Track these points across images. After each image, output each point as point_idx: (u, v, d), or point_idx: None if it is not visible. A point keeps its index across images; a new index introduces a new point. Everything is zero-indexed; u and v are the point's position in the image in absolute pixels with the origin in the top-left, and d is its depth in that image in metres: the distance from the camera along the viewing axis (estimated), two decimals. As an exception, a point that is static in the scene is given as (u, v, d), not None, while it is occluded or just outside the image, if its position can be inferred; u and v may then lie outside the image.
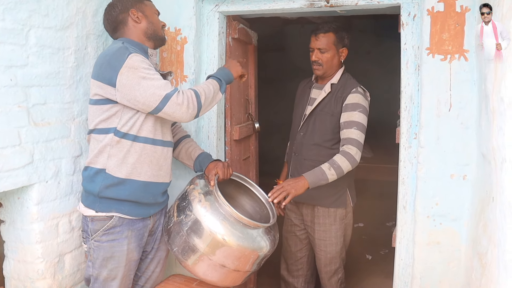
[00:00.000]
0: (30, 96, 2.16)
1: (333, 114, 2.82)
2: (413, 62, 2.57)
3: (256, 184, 2.69)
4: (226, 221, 2.26)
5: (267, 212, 2.61)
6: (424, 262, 2.56)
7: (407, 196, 2.62)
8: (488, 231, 1.96)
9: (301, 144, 2.93)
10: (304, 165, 2.89)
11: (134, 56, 2.12)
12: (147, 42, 2.34)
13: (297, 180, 2.55)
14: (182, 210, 2.33)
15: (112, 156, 2.21)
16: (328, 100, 2.86)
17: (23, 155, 2.13)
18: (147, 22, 2.32)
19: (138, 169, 2.24)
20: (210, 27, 2.87)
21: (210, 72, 2.86)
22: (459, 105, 2.41)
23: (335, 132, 2.83)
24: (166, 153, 2.36)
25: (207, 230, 2.24)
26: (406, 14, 2.57)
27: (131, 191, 2.24)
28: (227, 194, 2.66)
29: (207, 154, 2.61)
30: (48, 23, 2.23)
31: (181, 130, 2.71)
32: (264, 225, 2.38)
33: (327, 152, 2.83)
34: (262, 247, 2.35)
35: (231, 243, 2.24)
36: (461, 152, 2.43)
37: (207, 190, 2.38)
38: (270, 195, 2.51)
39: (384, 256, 4.49)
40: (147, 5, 2.37)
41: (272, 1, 2.75)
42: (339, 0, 2.65)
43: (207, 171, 2.49)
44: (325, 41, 2.84)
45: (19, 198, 2.23)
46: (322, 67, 2.87)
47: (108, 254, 2.26)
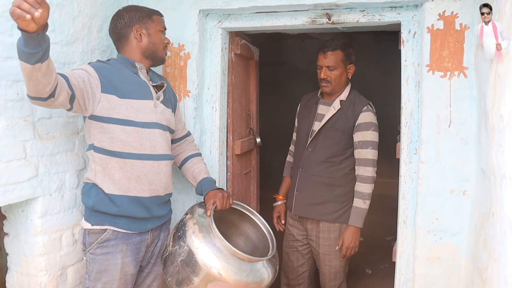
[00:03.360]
0: (35, 110, 2.18)
1: (344, 131, 2.86)
2: (414, 79, 2.60)
3: (256, 211, 2.64)
4: (221, 254, 2.17)
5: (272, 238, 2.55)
6: (424, 277, 2.57)
7: (407, 211, 2.64)
8: (488, 246, 1.98)
9: (309, 160, 2.94)
10: (311, 181, 2.91)
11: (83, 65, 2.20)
12: (144, 60, 2.37)
13: (351, 233, 2.83)
14: (177, 240, 2.27)
15: (98, 173, 2.24)
16: (338, 117, 2.88)
17: (28, 169, 2.15)
18: (148, 41, 2.34)
19: (126, 184, 2.24)
20: (213, 43, 2.91)
21: (213, 87, 2.91)
22: (459, 121, 2.44)
23: (345, 149, 2.87)
24: (157, 166, 2.33)
25: (201, 263, 2.16)
26: (406, 31, 2.61)
27: (122, 207, 2.25)
28: (231, 222, 2.65)
29: (211, 180, 2.54)
30: (54, 38, 2.26)
31: (191, 147, 2.68)
32: (260, 258, 2.29)
33: (335, 168, 2.87)
34: (264, 279, 2.28)
35: (227, 278, 2.16)
36: (461, 167, 2.45)
37: (203, 221, 2.30)
38: (341, 258, 2.89)
39: (384, 270, 4.49)
40: (155, 21, 2.37)
41: (275, 18, 2.79)
42: (341, 18, 2.69)
43: (206, 199, 2.42)
44: (334, 59, 2.86)
45: (23, 211, 2.25)
46: (331, 84, 2.89)
47: (102, 267, 2.26)
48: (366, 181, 2.80)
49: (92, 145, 2.24)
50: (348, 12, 2.68)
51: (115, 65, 2.30)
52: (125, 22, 2.33)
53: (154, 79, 2.43)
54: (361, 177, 2.82)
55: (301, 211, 2.97)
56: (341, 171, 2.88)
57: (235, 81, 3.13)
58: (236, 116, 3.17)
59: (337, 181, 2.88)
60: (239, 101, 3.24)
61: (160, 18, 2.41)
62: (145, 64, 2.38)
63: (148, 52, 2.36)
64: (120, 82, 2.23)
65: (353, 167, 2.88)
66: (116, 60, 2.34)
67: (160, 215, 2.42)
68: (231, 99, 3.07)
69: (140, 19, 2.33)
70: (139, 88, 2.30)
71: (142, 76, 2.35)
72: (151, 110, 2.31)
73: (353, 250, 2.86)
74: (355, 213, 2.82)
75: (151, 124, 2.31)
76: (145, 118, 2.28)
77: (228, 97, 3.06)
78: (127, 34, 2.33)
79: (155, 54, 2.38)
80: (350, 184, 2.88)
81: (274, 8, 2.72)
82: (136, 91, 2.28)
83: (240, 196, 3.30)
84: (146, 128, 2.28)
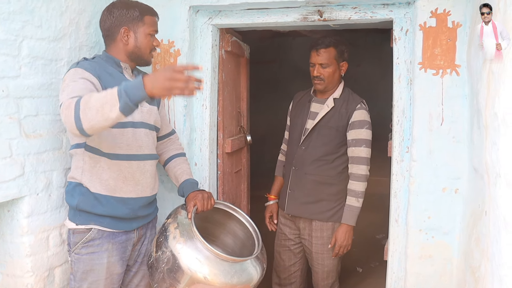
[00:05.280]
0: (22, 107, 2.13)
1: (338, 129, 2.85)
2: (406, 77, 2.59)
3: (247, 209, 2.62)
4: (204, 258, 2.13)
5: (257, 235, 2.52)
6: (416, 276, 2.56)
7: (399, 209, 2.63)
8: (481, 245, 1.97)
9: (302, 158, 2.93)
10: (305, 179, 2.90)
11: (71, 70, 2.12)
12: (128, 62, 2.32)
13: (344, 231, 2.83)
14: (159, 246, 2.24)
15: (85, 171, 2.20)
16: (332, 115, 2.87)
17: (14, 167, 2.10)
18: (134, 45, 2.27)
19: (113, 185, 2.21)
20: (203, 39, 2.87)
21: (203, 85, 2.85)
22: (450, 119, 2.44)
23: (339, 147, 2.87)
24: (143, 166, 2.30)
25: (185, 268, 2.12)
26: (398, 28, 2.60)
27: (107, 207, 2.21)
28: (218, 221, 2.63)
29: (193, 181, 2.50)
30: (41, 34, 2.22)
31: (175, 147, 2.63)
32: (245, 258, 2.26)
33: (328, 167, 2.87)
34: (252, 278, 2.26)
35: (213, 281, 2.11)
36: (452, 166, 2.45)
37: (185, 224, 2.25)
38: (334, 256, 2.88)
39: (375, 269, 4.48)
40: (145, 23, 2.28)
41: (266, 15, 2.77)
42: (332, 15, 2.67)
43: (187, 201, 2.38)
44: (327, 56, 2.85)
45: (9, 211, 2.20)
46: (324, 82, 2.88)
47: (88, 267, 2.23)
48: (360, 179, 2.80)
49: (83, 143, 2.19)
50: (340, 9, 2.66)
51: (100, 63, 2.24)
52: (114, 20, 2.25)
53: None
54: (355, 175, 2.81)
55: (294, 210, 2.95)
56: (335, 169, 2.87)
57: (226, 78, 3.09)
58: (227, 114, 3.14)
59: (331, 179, 2.87)
60: (229, 99, 3.21)
61: (152, 19, 2.31)
62: (130, 64, 2.34)
63: (133, 55, 2.30)
64: (108, 82, 2.18)
65: (346, 166, 2.87)
66: (101, 58, 2.28)
67: (145, 214, 2.39)
68: (222, 96, 3.03)
69: (129, 21, 2.25)
70: None
71: (127, 75, 2.31)
72: (137, 110, 2.26)
73: (346, 249, 2.86)
74: (348, 211, 2.82)
75: (137, 123, 2.27)
76: (131, 118, 2.22)
77: (218, 95, 3.02)
78: (114, 33, 2.27)
79: (140, 58, 2.33)
80: (343, 183, 2.87)
81: (265, 5, 2.70)
82: None
83: (230, 195, 3.27)
84: (132, 127, 2.25)
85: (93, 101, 1.79)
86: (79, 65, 2.15)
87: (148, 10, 2.32)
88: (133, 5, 2.29)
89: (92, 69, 2.16)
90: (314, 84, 2.93)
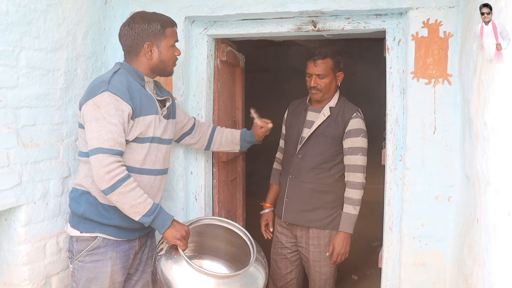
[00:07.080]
0: (19, 117, 2.16)
1: (334, 138, 2.87)
2: (398, 86, 2.62)
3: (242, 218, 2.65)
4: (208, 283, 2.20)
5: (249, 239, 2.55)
6: (410, 283, 2.58)
7: (393, 217, 2.66)
8: (473, 252, 1.99)
9: (299, 166, 2.94)
10: (302, 188, 2.92)
11: (105, 94, 2.09)
12: (151, 75, 2.33)
13: (342, 239, 2.83)
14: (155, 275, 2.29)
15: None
16: (328, 124, 2.89)
17: (12, 176, 2.12)
18: (158, 60, 2.27)
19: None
20: (198, 49, 2.90)
21: (198, 94, 2.90)
22: (443, 128, 2.47)
23: (335, 155, 2.89)
24: (153, 181, 2.32)
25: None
26: (391, 38, 2.64)
27: (114, 218, 2.23)
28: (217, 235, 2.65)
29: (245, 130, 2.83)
30: (38, 45, 2.24)
31: (206, 125, 2.78)
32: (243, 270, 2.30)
33: (325, 175, 2.89)
34: (259, 285, 2.33)
35: None
36: (445, 174, 2.48)
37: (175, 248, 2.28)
38: (332, 264, 2.90)
39: (370, 276, 4.48)
40: (168, 36, 2.27)
41: (261, 25, 2.80)
42: (326, 25, 2.71)
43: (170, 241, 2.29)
44: (324, 67, 2.86)
45: (6, 219, 2.21)
46: (321, 92, 2.89)
47: (92, 275, 2.24)
48: (356, 187, 2.82)
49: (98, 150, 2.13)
50: (333, 20, 2.69)
51: (127, 77, 2.20)
52: (136, 36, 2.23)
53: (158, 93, 2.38)
54: (351, 183, 2.83)
55: (291, 218, 2.96)
56: (331, 177, 2.89)
57: (221, 88, 3.12)
58: (222, 123, 3.15)
59: (327, 187, 2.89)
60: (225, 108, 3.23)
61: (173, 30, 2.31)
62: (151, 77, 2.35)
63: (157, 69, 2.31)
64: (135, 100, 2.17)
65: (342, 174, 2.89)
66: (126, 70, 2.25)
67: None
68: (217, 106, 3.06)
69: (152, 35, 2.23)
70: (148, 102, 2.26)
71: (148, 89, 2.31)
72: (156, 125, 2.28)
73: (344, 256, 2.87)
74: (345, 219, 2.83)
75: (154, 139, 2.29)
76: (150, 133, 2.25)
77: (213, 104, 3.05)
78: (138, 48, 2.25)
79: (164, 70, 2.34)
80: (340, 191, 2.89)
81: (260, 16, 2.73)
82: (147, 106, 2.24)
83: (226, 203, 3.29)
84: (148, 143, 2.26)
85: (130, 196, 2.10)
86: (113, 88, 2.12)
87: (168, 21, 2.31)
88: (153, 18, 2.26)
89: (124, 93, 2.13)
90: (311, 94, 2.95)
